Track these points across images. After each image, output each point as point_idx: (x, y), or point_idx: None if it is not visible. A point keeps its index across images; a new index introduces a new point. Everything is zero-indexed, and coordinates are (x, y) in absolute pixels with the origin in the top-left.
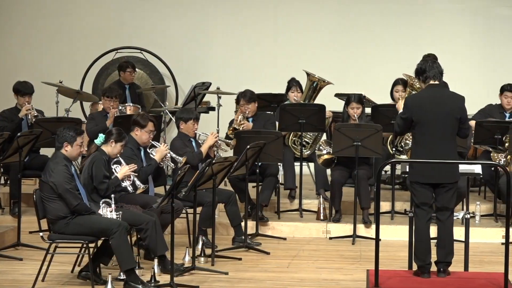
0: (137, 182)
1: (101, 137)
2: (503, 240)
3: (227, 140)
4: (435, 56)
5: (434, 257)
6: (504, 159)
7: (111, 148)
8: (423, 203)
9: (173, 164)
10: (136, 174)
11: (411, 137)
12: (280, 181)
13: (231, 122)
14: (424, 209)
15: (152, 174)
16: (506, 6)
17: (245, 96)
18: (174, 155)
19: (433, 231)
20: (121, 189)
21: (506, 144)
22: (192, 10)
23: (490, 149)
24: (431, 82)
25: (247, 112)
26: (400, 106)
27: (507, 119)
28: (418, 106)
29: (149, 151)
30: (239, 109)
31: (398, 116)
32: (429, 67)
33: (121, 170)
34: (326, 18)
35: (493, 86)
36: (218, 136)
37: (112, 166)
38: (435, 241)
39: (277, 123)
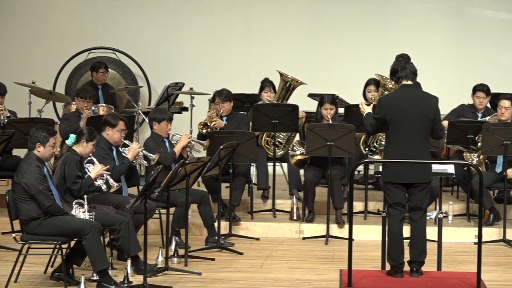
0: (111, 181)
1: (72, 137)
2: (476, 240)
3: (201, 141)
4: (408, 56)
5: (407, 256)
6: (477, 159)
7: (83, 148)
8: (396, 203)
9: (146, 162)
10: (109, 173)
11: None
12: (253, 182)
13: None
14: (397, 209)
15: (125, 173)
16: (478, 6)
17: (221, 95)
18: (146, 153)
19: (406, 231)
20: (94, 189)
21: (479, 144)
22: (165, 11)
23: (463, 149)
24: (404, 82)
25: (221, 111)
26: (364, 108)
27: (479, 119)
28: (391, 106)
29: (121, 150)
30: (213, 107)
31: (366, 118)
32: (401, 67)
33: (94, 170)
34: (299, 19)
35: (466, 86)
36: (191, 136)
37: (85, 166)
38: (408, 241)
39: (250, 123)
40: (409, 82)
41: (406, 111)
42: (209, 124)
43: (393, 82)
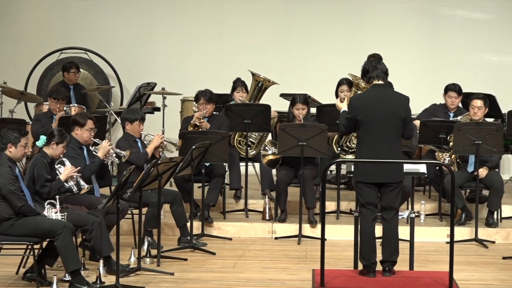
0: (81, 182)
1: (42, 139)
2: (448, 239)
3: (173, 141)
4: (380, 56)
5: (379, 256)
6: (449, 158)
7: (53, 150)
8: (368, 203)
9: (117, 159)
10: (80, 175)
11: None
12: (226, 182)
13: (185, 120)
14: (369, 208)
15: (97, 173)
16: (450, 6)
17: (205, 96)
18: (117, 150)
19: (379, 230)
20: (65, 190)
21: (451, 144)
22: (137, 11)
23: (435, 149)
24: (375, 82)
25: (205, 111)
26: (339, 105)
27: (451, 119)
28: (362, 106)
29: (92, 149)
30: (196, 107)
31: (342, 116)
32: (372, 67)
33: (64, 172)
34: (271, 18)
35: (437, 85)
36: (163, 137)
37: (56, 167)
38: (381, 240)
39: None
40: (380, 82)
41: (377, 111)
42: (198, 124)
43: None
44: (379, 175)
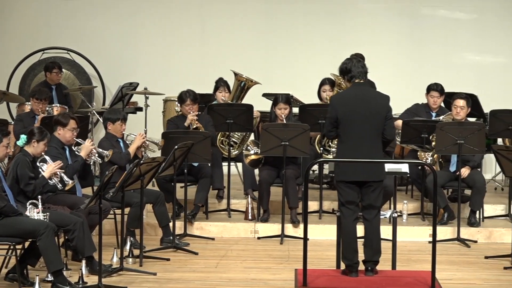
0: (65, 178)
1: (22, 138)
2: (430, 239)
3: (155, 141)
4: (362, 56)
5: (362, 256)
6: (431, 158)
7: (34, 148)
8: (349, 202)
9: (100, 159)
10: (63, 171)
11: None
12: None
13: (170, 121)
14: (350, 208)
15: (80, 173)
16: (431, 6)
17: (191, 96)
18: (100, 150)
19: (361, 230)
20: (48, 189)
21: (433, 143)
22: (119, 11)
23: (417, 148)
24: (356, 81)
25: (191, 112)
26: None
27: (433, 118)
28: (343, 104)
29: (74, 149)
30: (182, 109)
31: (326, 118)
32: (353, 66)
33: (47, 169)
34: (253, 18)
35: (420, 85)
36: (145, 136)
37: (38, 165)
38: (363, 240)
39: None
40: (361, 81)
41: (357, 110)
42: (197, 126)
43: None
44: (360, 174)
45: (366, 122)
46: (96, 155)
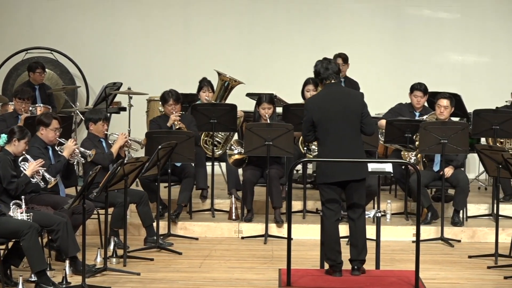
0: (47, 176)
1: (3, 137)
2: (414, 238)
3: (138, 140)
4: (346, 56)
5: (347, 255)
6: (415, 157)
7: (15, 147)
8: (331, 203)
9: (83, 159)
10: (45, 169)
11: None
12: None
13: (153, 122)
14: (332, 209)
15: (63, 173)
16: (415, 6)
17: (173, 96)
18: (83, 150)
19: (344, 230)
20: (32, 190)
21: (417, 143)
22: (102, 10)
23: (401, 148)
24: (327, 82)
25: (174, 112)
26: None
27: (417, 118)
28: (317, 107)
29: (57, 149)
30: (165, 109)
31: (302, 122)
32: (322, 68)
33: (29, 167)
34: (237, 18)
35: (403, 85)
36: (128, 136)
37: (20, 164)
38: (349, 239)
39: None
40: (332, 82)
41: (332, 110)
42: (180, 127)
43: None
44: (341, 174)
45: (342, 121)
46: (79, 155)
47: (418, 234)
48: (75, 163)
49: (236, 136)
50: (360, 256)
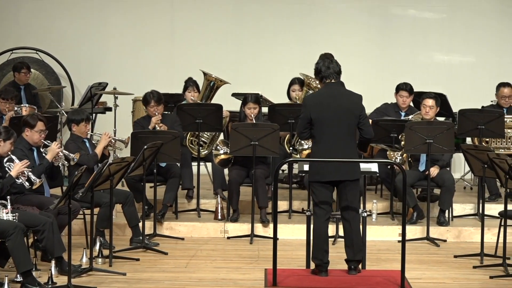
0: (32, 177)
1: None
2: (400, 238)
3: (122, 139)
4: (332, 56)
5: (342, 255)
6: (400, 157)
7: (1, 148)
8: (322, 202)
9: (67, 162)
10: (30, 170)
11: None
12: None
13: (136, 123)
14: (323, 208)
15: (47, 174)
16: (401, 6)
17: (155, 97)
18: (66, 153)
19: (331, 230)
20: (17, 191)
21: (402, 143)
22: (87, 10)
23: (386, 148)
24: (327, 81)
25: (156, 113)
26: None
27: (402, 118)
28: (316, 104)
29: (42, 151)
30: (147, 110)
31: (299, 119)
32: (325, 67)
33: (14, 168)
34: (222, 18)
35: (389, 85)
36: (111, 135)
37: (5, 165)
38: (333, 239)
39: None
40: (333, 81)
41: (331, 109)
42: (158, 128)
43: (317, 81)
44: (335, 174)
45: (340, 121)
46: (63, 158)
47: (404, 233)
48: (60, 165)
49: (222, 136)
50: (356, 256)
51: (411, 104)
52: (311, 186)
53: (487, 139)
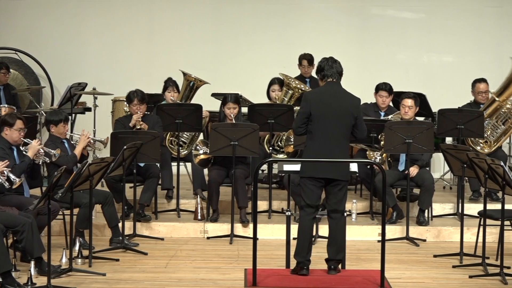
0: (12, 177)
1: None
2: (379, 238)
3: (101, 139)
4: (311, 56)
5: (323, 254)
6: (380, 157)
7: None
8: (311, 200)
9: (47, 159)
10: (10, 169)
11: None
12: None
13: (118, 121)
14: (311, 206)
15: (29, 173)
16: (381, 6)
17: (138, 96)
18: (47, 149)
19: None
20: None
21: (382, 143)
22: (66, 10)
23: (366, 147)
24: (329, 80)
25: (139, 112)
26: None
27: (382, 118)
28: (317, 100)
29: (22, 149)
30: (129, 109)
31: (298, 114)
32: (328, 66)
33: None
34: (201, 18)
35: (368, 85)
36: (90, 136)
37: None
38: (313, 240)
39: None
40: (334, 80)
41: (331, 106)
42: (140, 127)
43: (297, 82)
44: (329, 171)
45: (337, 120)
46: (44, 155)
47: (383, 233)
48: (40, 163)
49: (201, 136)
50: (337, 256)
51: (391, 104)
52: (301, 183)
53: (472, 139)
